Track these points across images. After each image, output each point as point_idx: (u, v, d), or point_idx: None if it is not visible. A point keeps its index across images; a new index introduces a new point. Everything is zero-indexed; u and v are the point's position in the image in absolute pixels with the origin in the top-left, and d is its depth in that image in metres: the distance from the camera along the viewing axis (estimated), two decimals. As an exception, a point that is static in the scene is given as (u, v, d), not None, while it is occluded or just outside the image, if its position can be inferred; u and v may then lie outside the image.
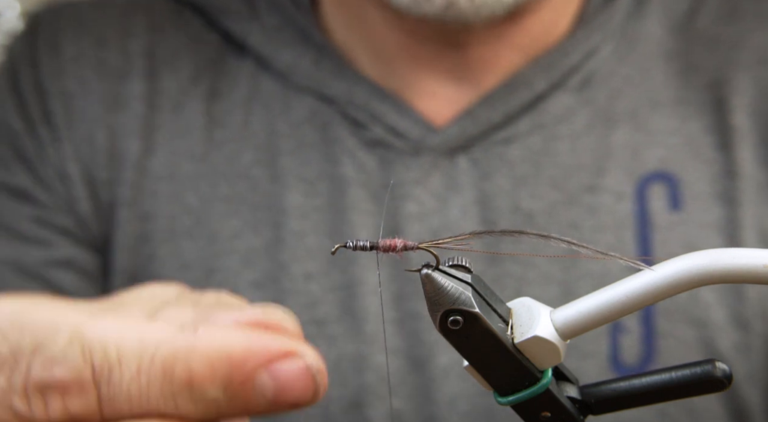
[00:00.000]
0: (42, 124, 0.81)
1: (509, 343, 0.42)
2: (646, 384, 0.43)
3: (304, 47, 0.81)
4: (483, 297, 0.42)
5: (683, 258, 0.41)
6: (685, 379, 0.42)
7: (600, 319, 0.42)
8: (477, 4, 0.71)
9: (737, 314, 0.75)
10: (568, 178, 0.78)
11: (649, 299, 0.41)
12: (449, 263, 0.43)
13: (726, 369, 0.42)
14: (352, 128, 0.79)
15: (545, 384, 0.42)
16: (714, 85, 0.79)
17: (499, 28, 0.77)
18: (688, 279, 0.40)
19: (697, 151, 0.78)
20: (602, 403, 0.43)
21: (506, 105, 0.78)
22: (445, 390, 0.74)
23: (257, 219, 0.78)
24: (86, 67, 0.82)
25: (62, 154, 0.80)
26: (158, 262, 0.79)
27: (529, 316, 0.42)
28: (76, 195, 0.80)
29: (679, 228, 0.77)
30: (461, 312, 0.41)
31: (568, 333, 0.42)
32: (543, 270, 0.76)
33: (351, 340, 0.75)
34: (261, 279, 0.77)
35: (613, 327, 0.75)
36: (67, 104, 0.81)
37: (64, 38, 0.83)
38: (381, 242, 0.44)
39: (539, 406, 0.43)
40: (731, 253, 0.40)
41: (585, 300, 0.42)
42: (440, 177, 0.77)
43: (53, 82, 0.82)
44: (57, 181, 0.80)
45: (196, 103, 0.81)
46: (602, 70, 0.80)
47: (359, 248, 0.44)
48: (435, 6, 0.71)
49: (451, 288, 0.42)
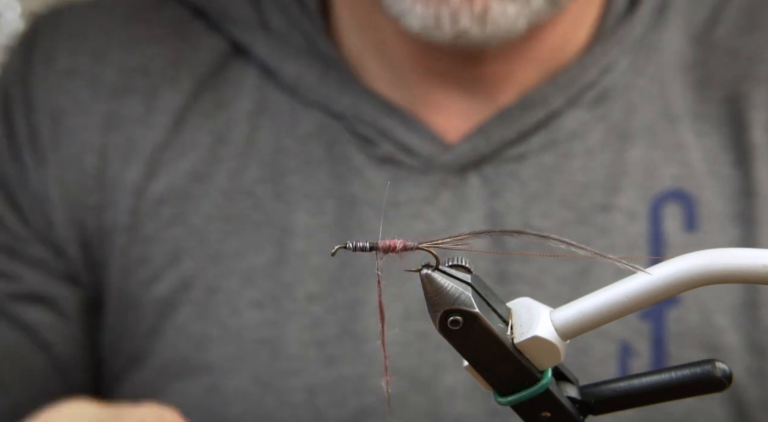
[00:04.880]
0: (27, 147, 0.78)
1: (509, 343, 0.42)
2: (646, 384, 0.43)
3: (310, 59, 0.78)
4: (483, 297, 0.42)
5: (683, 258, 0.41)
6: (685, 379, 0.42)
7: (600, 319, 0.42)
8: (488, 33, 0.69)
9: (751, 338, 0.74)
10: (581, 197, 0.76)
11: (650, 299, 0.41)
12: (449, 263, 0.43)
13: (726, 369, 0.42)
14: (361, 144, 0.77)
15: (545, 385, 0.42)
16: (731, 99, 0.77)
17: (514, 45, 0.75)
18: (689, 279, 0.40)
19: (713, 168, 0.76)
20: (602, 403, 0.43)
21: (521, 122, 0.76)
22: (451, 410, 0.73)
23: (260, 237, 0.77)
24: (80, 82, 0.79)
25: (44, 177, 0.78)
26: (159, 284, 0.77)
27: (529, 316, 0.42)
28: (54, 220, 0.77)
29: (695, 249, 0.74)
30: (461, 312, 0.41)
31: (568, 333, 0.42)
32: (551, 290, 0.74)
33: (352, 362, 0.74)
34: (262, 299, 0.76)
35: (622, 350, 0.74)
36: (56, 122, 0.78)
37: (59, 49, 0.80)
38: (381, 242, 0.44)
39: (539, 406, 0.43)
40: (731, 253, 0.40)
41: (585, 300, 0.42)
42: (450, 195, 0.75)
43: (43, 99, 0.79)
44: (36, 208, 0.78)
45: (199, 119, 0.79)
46: (619, 85, 0.77)
47: (359, 249, 0.43)
48: (445, 34, 0.70)
49: (450, 288, 0.42)
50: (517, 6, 0.69)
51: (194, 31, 0.81)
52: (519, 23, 0.70)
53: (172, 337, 0.76)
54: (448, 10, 0.69)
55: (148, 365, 0.77)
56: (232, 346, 0.75)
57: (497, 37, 0.70)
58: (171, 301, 0.77)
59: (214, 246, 0.77)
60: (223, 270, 0.76)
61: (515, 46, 0.75)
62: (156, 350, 0.77)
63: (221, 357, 0.75)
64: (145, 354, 0.77)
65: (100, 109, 0.79)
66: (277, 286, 0.76)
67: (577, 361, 0.73)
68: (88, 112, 0.79)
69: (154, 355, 0.77)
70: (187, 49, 0.81)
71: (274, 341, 0.75)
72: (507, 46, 0.74)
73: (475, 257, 0.44)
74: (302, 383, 0.74)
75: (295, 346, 0.75)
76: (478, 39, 0.70)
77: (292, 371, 0.74)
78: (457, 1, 0.69)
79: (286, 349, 0.75)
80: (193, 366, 0.76)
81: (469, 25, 0.69)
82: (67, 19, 0.82)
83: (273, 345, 0.75)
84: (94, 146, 0.78)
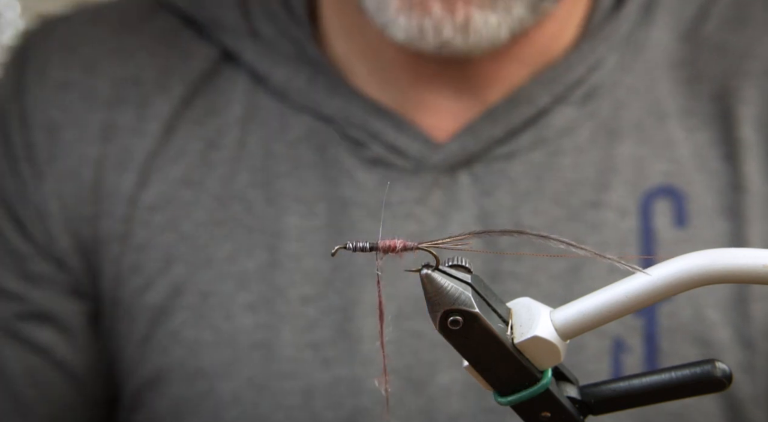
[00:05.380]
0: (24, 161, 0.78)
1: (509, 343, 0.42)
2: (645, 384, 0.43)
3: (298, 63, 0.79)
4: (483, 297, 0.42)
5: (683, 258, 0.41)
6: (685, 379, 0.42)
7: (600, 319, 0.42)
8: (471, 43, 0.70)
9: (742, 333, 0.74)
10: (571, 194, 0.76)
11: (650, 299, 0.41)
12: (449, 263, 0.43)
13: (726, 369, 0.42)
14: (351, 147, 0.77)
15: (545, 385, 0.42)
16: (720, 95, 0.78)
17: (499, 48, 0.74)
18: (688, 279, 0.41)
19: (702, 163, 0.77)
20: (602, 403, 0.43)
21: (508, 120, 0.76)
22: (446, 409, 0.73)
23: (252, 241, 0.77)
24: (73, 94, 0.80)
25: (42, 191, 0.78)
26: (152, 291, 0.77)
27: (529, 316, 0.43)
28: (55, 233, 0.77)
29: (685, 245, 0.75)
30: (461, 312, 0.41)
31: (568, 333, 0.42)
32: (545, 288, 0.75)
33: (347, 363, 0.74)
34: (256, 302, 0.76)
35: (615, 346, 0.74)
36: (52, 136, 0.79)
37: (52, 63, 0.80)
38: (380, 242, 0.44)
39: (539, 406, 0.43)
40: (731, 253, 0.40)
41: (585, 300, 0.42)
42: (441, 194, 0.76)
43: (38, 113, 0.79)
44: (36, 222, 0.78)
45: (189, 126, 0.79)
46: (607, 82, 0.78)
47: (359, 249, 0.43)
48: (429, 44, 0.70)
49: (450, 288, 0.42)
50: (499, 15, 0.70)
51: (184, 39, 0.81)
52: (501, 33, 0.70)
53: (166, 343, 0.76)
54: (431, 21, 0.69)
55: (142, 372, 0.77)
56: (227, 350, 0.75)
57: (480, 46, 0.71)
58: (164, 308, 0.76)
59: (206, 251, 0.77)
60: (215, 275, 0.76)
61: (501, 48, 0.75)
62: (150, 357, 0.77)
63: (216, 362, 0.75)
64: (139, 361, 0.77)
65: (95, 120, 0.79)
66: (271, 289, 0.76)
67: (571, 357, 0.73)
68: (82, 125, 0.79)
69: (148, 362, 0.77)
70: (177, 57, 0.81)
71: (268, 344, 0.75)
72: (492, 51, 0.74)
73: (469, 256, 0.44)
74: (298, 385, 0.74)
75: (290, 349, 0.75)
76: (461, 49, 0.70)
77: (287, 373, 0.74)
78: (438, 12, 0.69)
79: (281, 352, 0.75)
80: (187, 371, 0.76)
81: (452, 36, 0.69)
82: (58, 32, 0.82)
83: (267, 348, 0.75)
84: (90, 158, 0.78)
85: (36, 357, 0.78)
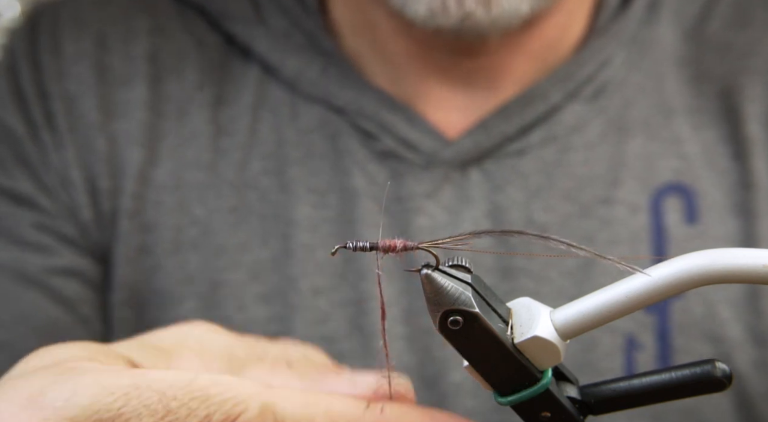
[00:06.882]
0: (45, 128, 0.79)
1: (509, 343, 0.42)
2: (646, 384, 0.43)
3: (311, 54, 0.79)
4: (483, 297, 0.42)
5: (684, 258, 0.41)
6: (685, 379, 0.42)
7: (600, 319, 0.42)
8: (493, 15, 0.70)
9: (754, 330, 0.74)
10: (582, 190, 0.76)
11: (650, 299, 0.41)
12: (449, 263, 0.43)
13: (726, 369, 0.42)
14: (363, 139, 0.77)
15: (545, 385, 0.42)
16: (726, 93, 0.78)
17: (512, 35, 0.75)
18: (689, 279, 0.40)
19: (711, 161, 0.77)
20: (602, 403, 0.43)
21: (521, 117, 0.76)
22: (457, 407, 0.73)
23: (266, 230, 0.77)
24: (86, 67, 0.80)
25: (65, 160, 0.79)
26: (161, 275, 0.77)
27: (529, 316, 0.42)
28: (79, 202, 0.78)
29: (696, 241, 0.75)
30: (461, 312, 0.42)
31: (568, 333, 0.42)
32: (556, 285, 0.75)
33: (360, 357, 0.74)
34: (268, 293, 0.76)
35: (627, 343, 0.74)
36: (69, 107, 0.80)
37: (64, 36, 0.81)
38: (381, 242, 0.44)
39: (539, 406, 0.43)
40: (731, 253, 0.40)
41: (585, 300, 0.42)
42: (452, 190, 0.76)
43: (55, 84, 0.80)
44: (60, 188, 0.78)
45: (201, 110, 0.80)
46: (615, 79, 0.78)
47: (359, 249, 0.44)
48: (451, 19, 0.70)
49: (450, 288, 0.42)
50: None
51: (197, 27, 0.82)
52: (522, 7, 0.70)
53: None
54: None
55: None
56: None
57: (502, 20, 0.70)
58: (173, 293, 0.76)
59: (219, 238, 0.77)
60: (228, 263, 0.76)
61: (513, 38, 0.75)
62: None
63: None
64: None
65: (107, 95, 0.80)
66: (283, 280, 0.76)
67: (584, 355, 0.73)
68: (94, 98, 0.80)
69: None
70: (190, 42, 0.82)
71: (280, 336, 0.75)
72: (505, 37, 0.74)
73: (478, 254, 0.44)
74: None
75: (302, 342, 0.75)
76: (483, 22, 0.70)
77: None
78: None
79: None
80: None
81: (475, 7, 0.69)
82: (68, 9, 0.83)
83: None
84: (102, 130, 0.79)
85: (62, 309, 0.77)
